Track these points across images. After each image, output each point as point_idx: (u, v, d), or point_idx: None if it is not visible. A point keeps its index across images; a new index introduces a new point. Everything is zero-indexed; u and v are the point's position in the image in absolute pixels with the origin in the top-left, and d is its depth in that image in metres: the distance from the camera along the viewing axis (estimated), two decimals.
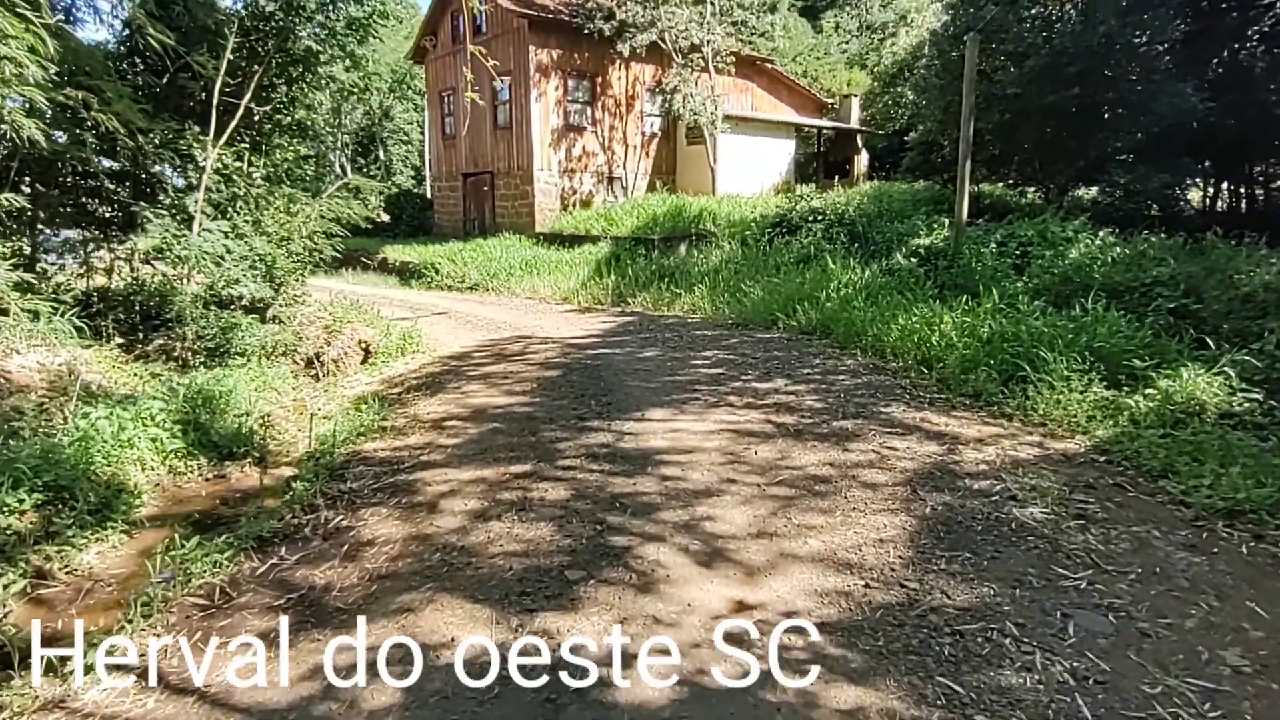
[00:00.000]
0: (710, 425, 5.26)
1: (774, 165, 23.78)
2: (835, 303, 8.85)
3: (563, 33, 20.54)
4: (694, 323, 10.53)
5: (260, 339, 9.35)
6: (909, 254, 11.30)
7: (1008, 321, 6.32)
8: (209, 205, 9.93)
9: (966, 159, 10.62)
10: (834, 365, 7.05)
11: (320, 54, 10.31)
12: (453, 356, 8.98)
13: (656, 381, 6.76)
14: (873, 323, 7.64)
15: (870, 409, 5.48)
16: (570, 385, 6.80)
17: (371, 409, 6.43)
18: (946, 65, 15.41)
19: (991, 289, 7.93)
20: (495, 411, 6.07)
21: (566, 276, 15.78)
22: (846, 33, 36.39)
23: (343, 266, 23.90)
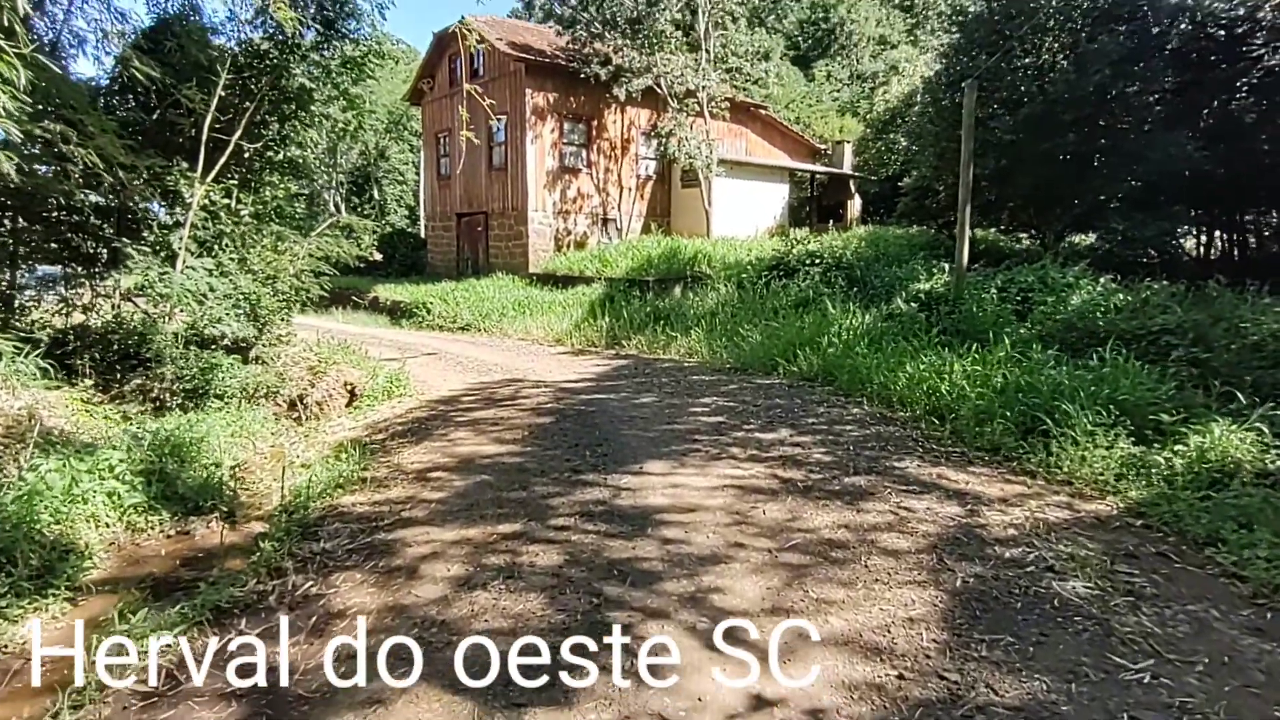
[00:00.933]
0: (713, 480, 4.92)
1: (768, 209, 23.85)
2: (837, 348, 8.60)
3: (559, 76, 20.70)
4: (690, 367, 10.25)
5: (241, 380, 9.00)
6: (909, 299, 11.12)
7: (1021, 370, 6.05)
8: (194, 242, 9.67)
9: (967, 204, 10.51)
10: (840, 414, 6.74)
11: (314, 92, 10.17)
12: (441, 400, 8.63)
13: (654, 430, 6.43)
14: (878, 370, 7.37)
15: (882, 463, 5.16)
16: (563, 433, 6.46)
17: (352, 457, 6.06)
18: (940, 112, 15.51)
19: (1002, 336, 7.68)
20: (483, 462, 5.72)
21: (560, 318, 15.53)
22: (838, 81, 37.09)
23: (334, 305, 23.65)
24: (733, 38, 21.69)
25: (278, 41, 9.88)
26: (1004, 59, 14.02)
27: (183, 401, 8.56)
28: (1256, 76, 14.59)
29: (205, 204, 9.69)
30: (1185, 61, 14.09)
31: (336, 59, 10.15)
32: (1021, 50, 14.29)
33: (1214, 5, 13.79)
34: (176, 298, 8.79)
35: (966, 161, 10.40)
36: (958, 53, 15.25)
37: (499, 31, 22.01)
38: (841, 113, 33.76)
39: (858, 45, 38.49)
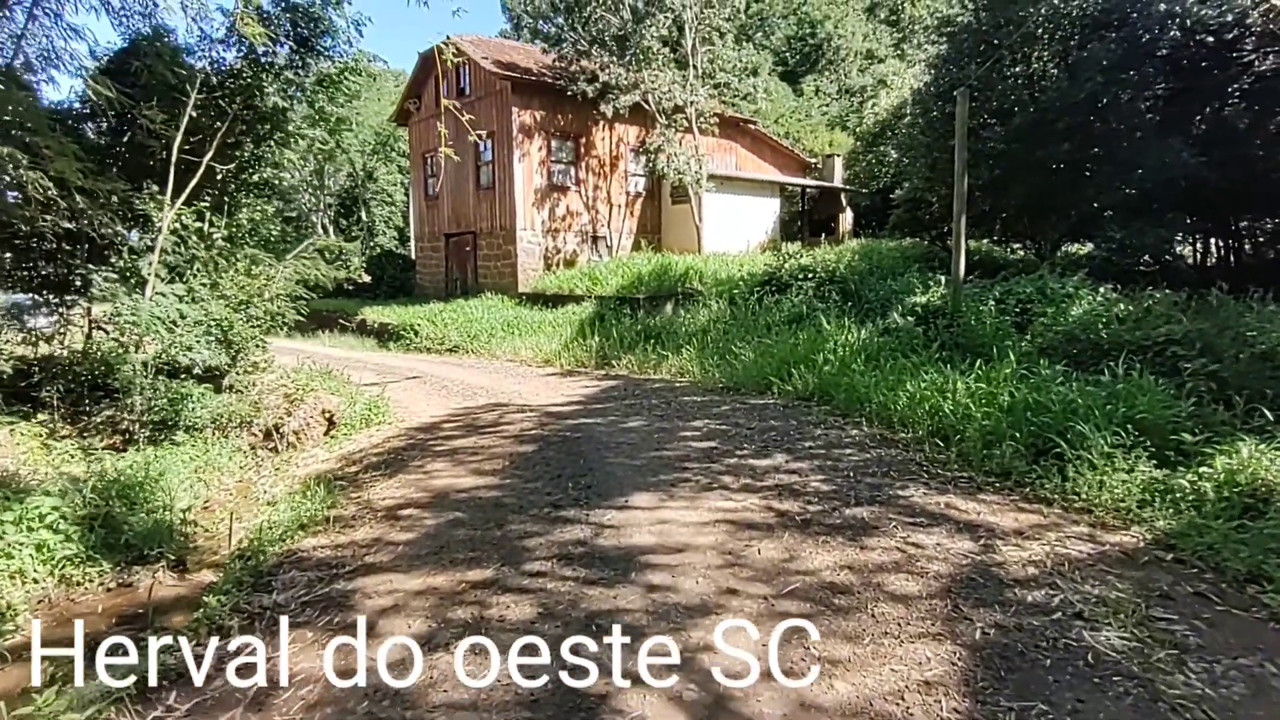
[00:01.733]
0: (703, 514, 4.55)
1: (759, 223, 23.64)
2: (833, 366, 8.27)
3: (546, 94, 20.52)
4: (682, 387, 9.90)
5: (213, 411, 8.63)
6: (905, 313, 10.81)
7: (1029, 388, 5.71)
8: (164, 267, 9.32)
9: (962, 214, 10.23)
10: (838, 437, 6.39)
11: (288, 112, 9.87)
12: (420, 428, 8.25)
13: (641, 458, 6.06)
14: (876, 388, 7.03)
15: (885, 492, 4.80)
16: (545, 463, 6.09)
17: (319, 494, 5.67)
18: (931, 123, 15.33)
19: (1007, 351, 7.36)
20: (459, 497, 5.34)
21: (549, 338, 15.19)
22: (826, 96, 37.12)
23: (321, 328, 23.29)
24: (720, 53, 21.58)
25: (250, 60, 9.61)
26: (994, 68, 13.85)
27: (151, 434, 8.19)
28: (1247, 82, 14.46)
29: (176, 228, 9.37)
30: (1176, 68, 13.94)
31: (312, 77, 9.86)
32: (1011, 59, 14.15)
33: (1202, 12, 13.67)
34: (145, 325, 8.43)
35: (961, 171, 10.14)
36: (947, 63, 15.09)
37: (485, 50, 21.87)
38: (831, 127, 33.73)
39: (845, 60, 38.58)
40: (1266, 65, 14.21)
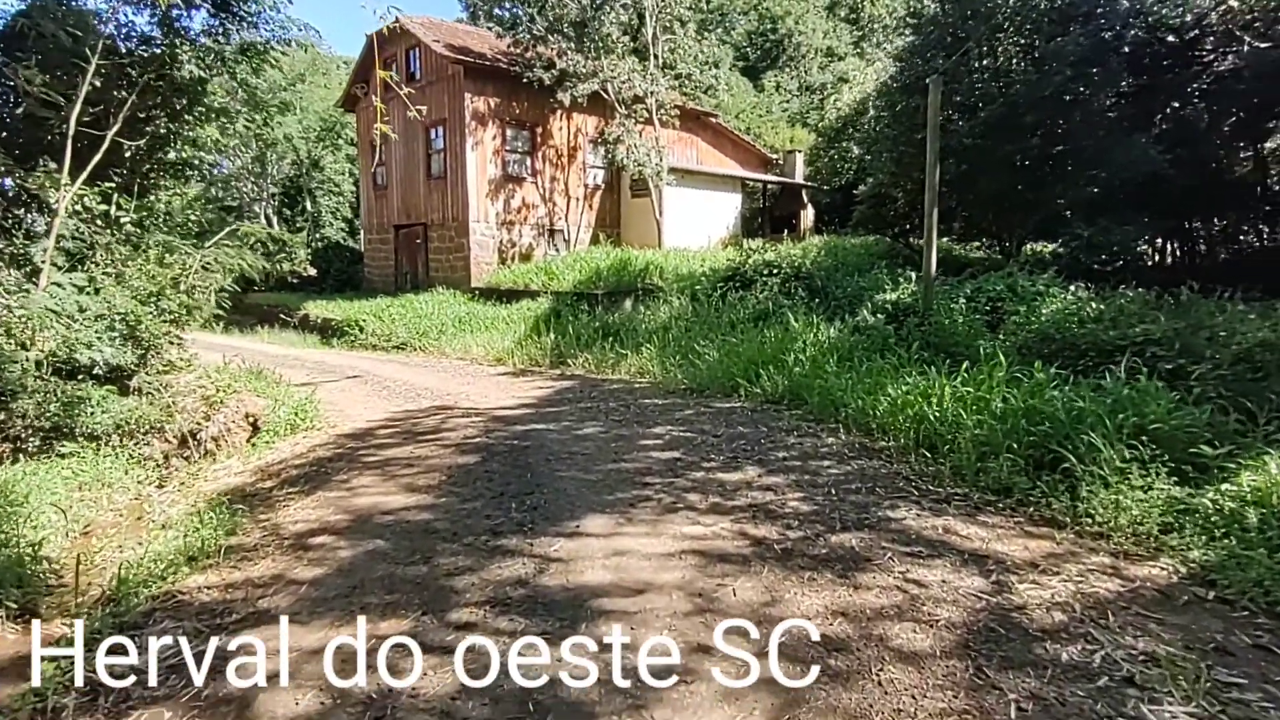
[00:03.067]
0: (667, 543, 3.91)
1: (720, 219, 23.13)
2: (804, 367, 7.71)
3: (500, 80, 19.64)
4: (642, 388, 9.24)
5: (116, 415, 7.67)
6: (875, 310, 10.35)
7: (1022, 393, 5.21)
8: (62, 254, 8.30)
9: (934, 208, 9.80)
10: (813, 446, 5.81)
11: (207, 83, 8.90)
12: (352, 434, 7.43)
13: (596, 471, 5.39)
14: (853, 392, 6.48)
15: (874, 513, 4.22)
16: (488, 477, 5.37)
17: (219, 516, 4.86)
18: (897, 116, 14.96)
19: (983, 351, 6.90)
20: (383, 520, 4.59)
21: (503, 334, 14.40)
22: (787, 92, 36.86)
23: (261, 323, 22.03)
24: (681, 43, 20.98)
25: (164, 25, 8.65)
26: (962, 61, 13.51)
27: (42, 442, 7.22)
28: (1206, 82, 14.45)
29: (78, 210, 8.36)
30: (1139, 66, 13.83)
31: (233, 46, 8.90)
32: (979, 52, 13.84)
33: (1163, 10, 13.58)
34: (37, 319, 7.43)
35: (932, 163, 9.70)
36: (914, 55, 14.71)
37: (437, 34, 20.87)
38: (792, 123, 33.45)
39: (805, 56, 38.40)
40: (1225, 65, 14.22)
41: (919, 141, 14.39)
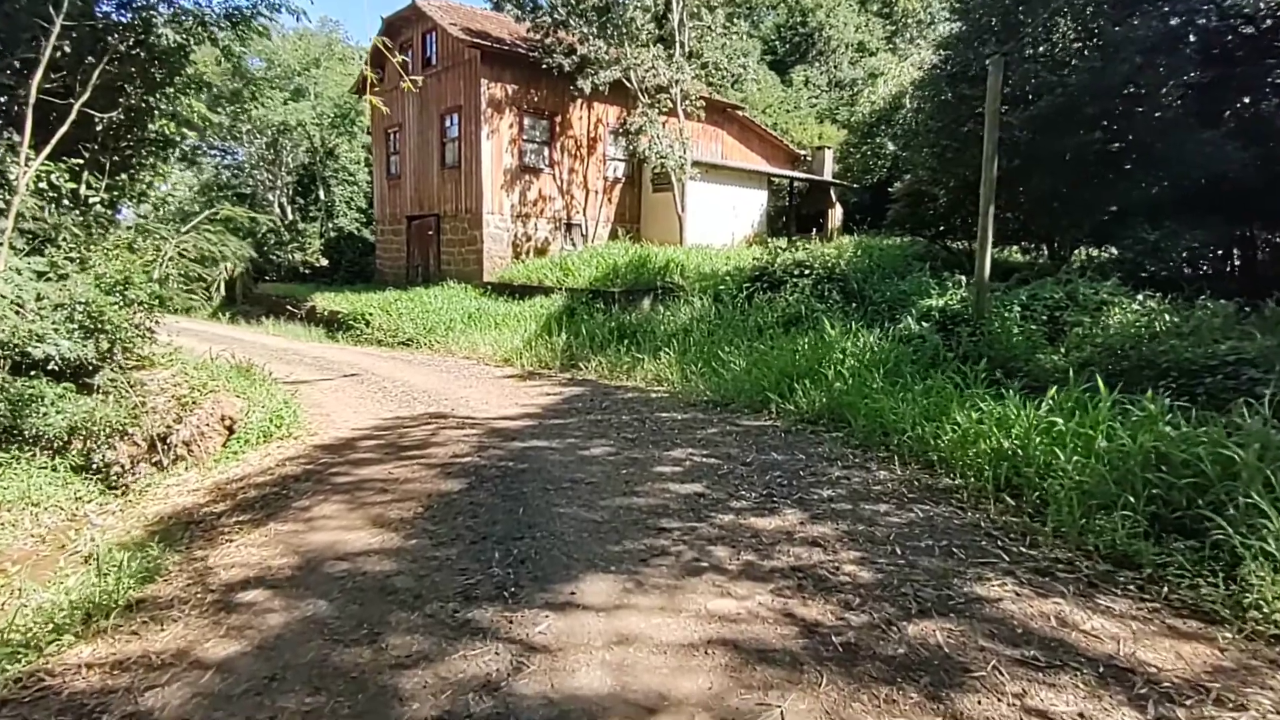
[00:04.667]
0: (687, 625, 2.97)
1: (745, 216, 22.12)
2: (845, 381, 6.73)
3: (519, 67, 18.77)
4: (659, 399, 8.31)
5: (71, 417, 6.89)
6: (920, 317, 9.34)
7: (1131, 428, 4.19)
8: (20, 235, 7.52)
9: (990, 205, 8.76)
10: (864, 482, 4.84)
11: (187, 51, 8.09)
12: (330, 445, 6.57)
13: (602, 507, 4.46)
14: (909, 417, 5.49)
15: (958, 587, 3.25)
16: (472, 512, 4.46)
17: (142, 557, 4.00)
18: (941, 108, 13.87)
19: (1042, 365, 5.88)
20: (335, 570, 3.70)
21: (513, 332, 13.54)
22: (816, 87, 35.66)
23: (269, 314, 21.36)
24: (709, 30, 19.97)
25: None
26: (1015, 48, 12.41)
27: None
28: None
29: (42, 188, 7.60)
30: (1210, 56, 12.63)
31: (218, 9, 8.09)
32: (1034, 39, 12.71)
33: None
34: None
35: (990, 155, 8.66)
36: (961, 43, 13.62)
37: (454, 17, 20.03)
38: (821, 119, 32.27)
39: (836, 51, 37.14)
40: None
41: (965, 135, 13.33)
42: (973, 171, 12.94)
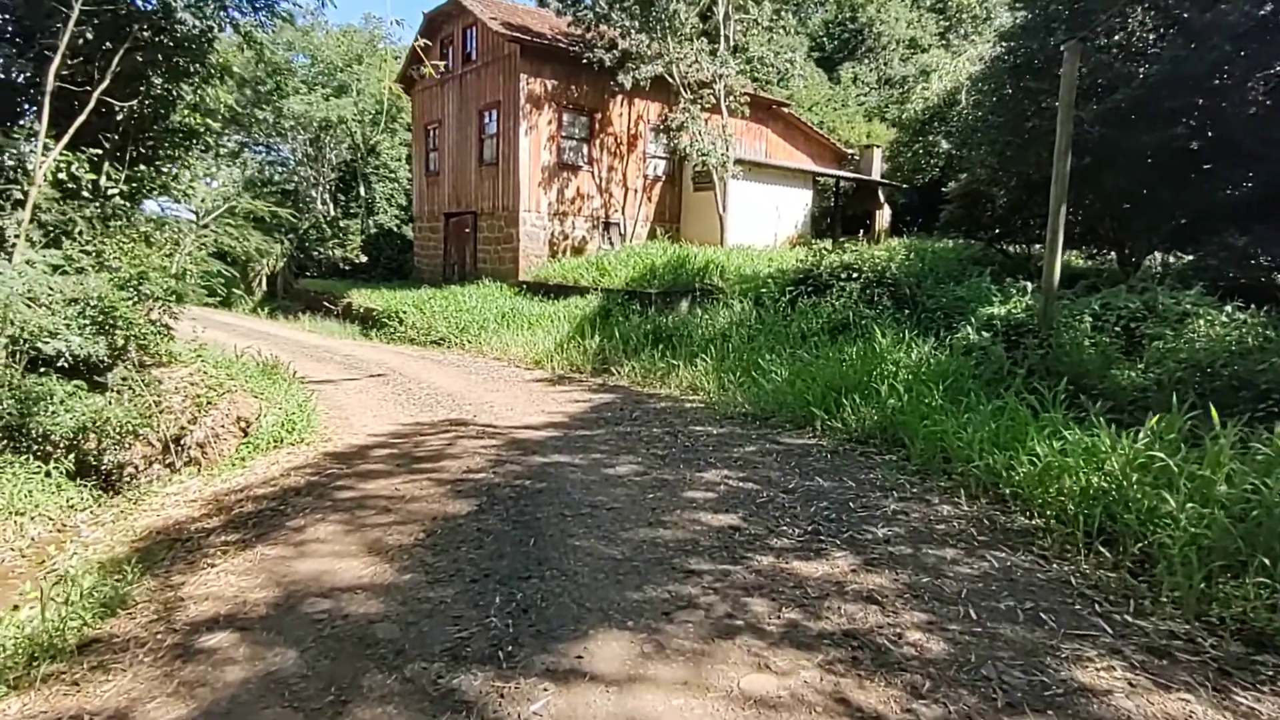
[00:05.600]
0: (716, 712, 2.42)
1: (789, 216, 21.37)
2: (900, 398, 6.07)
3: (559, 62, 18.36)
4: (693, 409, 7.74)
5: (81, 416, 6.63)
6: (981, 327, 8.59)
7: (1262, 468, 3.49)
8: (37, 228, 7.32)
9: (1061, 205, 8.01)
10: (925, 519, 4.21)
11: (211, 37, 7.81)
12: (342, 454, 6.17)
13: (624, 540, 3.93)
14: (977, 442, 4.83)
15: (1052, 669, 2.63)
16: (478, 541, 3.97)
17: (122, 576, 3.61)
18: (1003, 102, 13.00)
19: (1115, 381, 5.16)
20: (316, 609, 3.24)
21: (546, 333, 13.12)
22: (865, 85, 34.58)
23: (307, 310, 21.41)
24: (755, 21, 19.28)
25: None
26: (1088, 36, 11.49)
27: None
28: None
29: (61, 179, 7.38)
30: None
31: None
32: (1108, 27, 11.77)
33: None
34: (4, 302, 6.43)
35: (1064, 149, 7.90)
36: (1026, 33, 12.72)
37: (494, 11, 19.73)
38: (869, 117, 31.25)
39: (886, 48, 36.00)
40: None
41: (1028, 131, 12.46)
42: (1036, 170, 12.10)
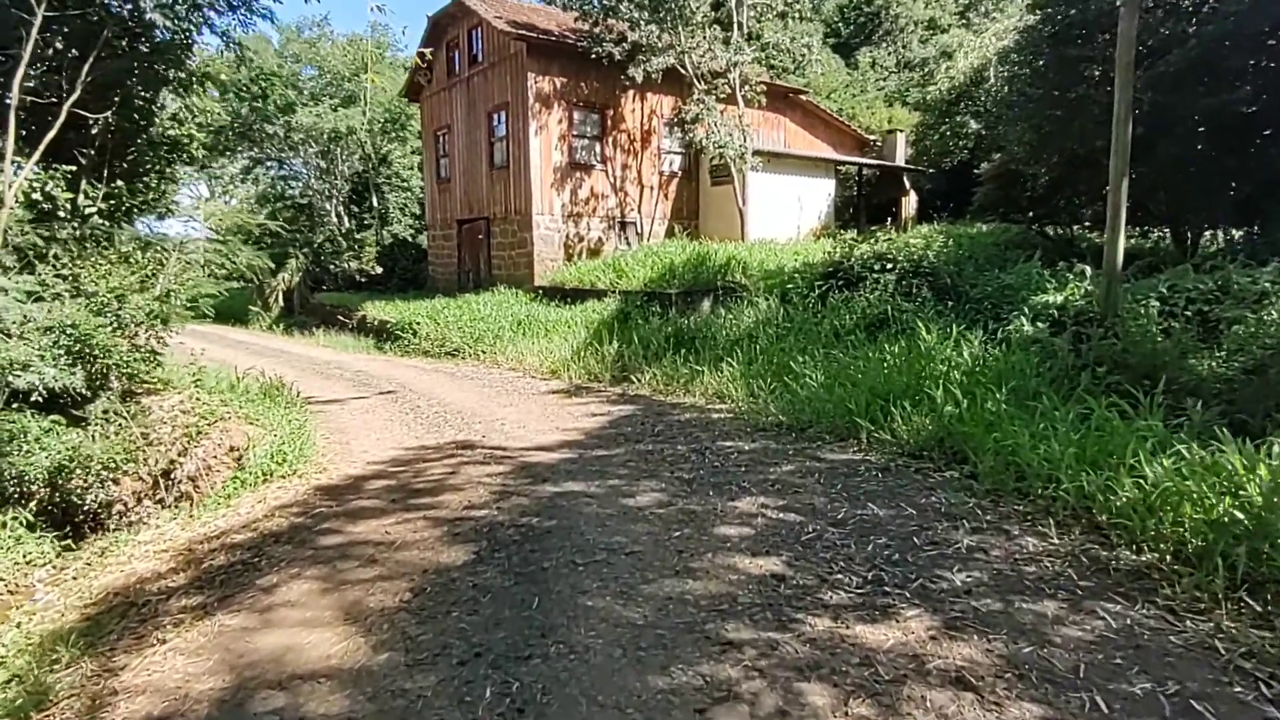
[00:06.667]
0: None
1: (811, 207, 20.55)
2: (958, 404, 5.33)
3: (567, 58, 17.76)
4: (720, 421, 7.05)
5: (56, 455, 6.12)
6: (1034, 316, 7.79)
7: None
8: (10, 252, 6.83)
9: (1123, 178, 7.20)
10: (1007, 557, 3.49)
11: (190, 41, 7.28)
12: (333, 487, 5.58)
13: (644, 600, 3.26)
14: (1061, 459, 4.08)
15: None
16: (471, 605, 3.33)
17: (53, 659, 3.03)
18: (1041, 74, 12.11)
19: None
20: (267, 709, 2.62)
21: (563, 340, 12.53)
22: (883, 69, 33.54)
23: (322, 324, 21.08)
24: (769, 6, 18.50)
25: None
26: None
27: None
28: None
29: (35, 199, 6.89)
30: None
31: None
32: None
33: None
34: None
35: (1123, 117, 7.07)
36: None
37: (499, 10, 19.19)
38: (889, 102, 30.26)
39: (905, 30, 34.91)
40: None
41: (1070, 103, 11.56)
42: (1081, 143, 11.20)
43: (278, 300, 25.25)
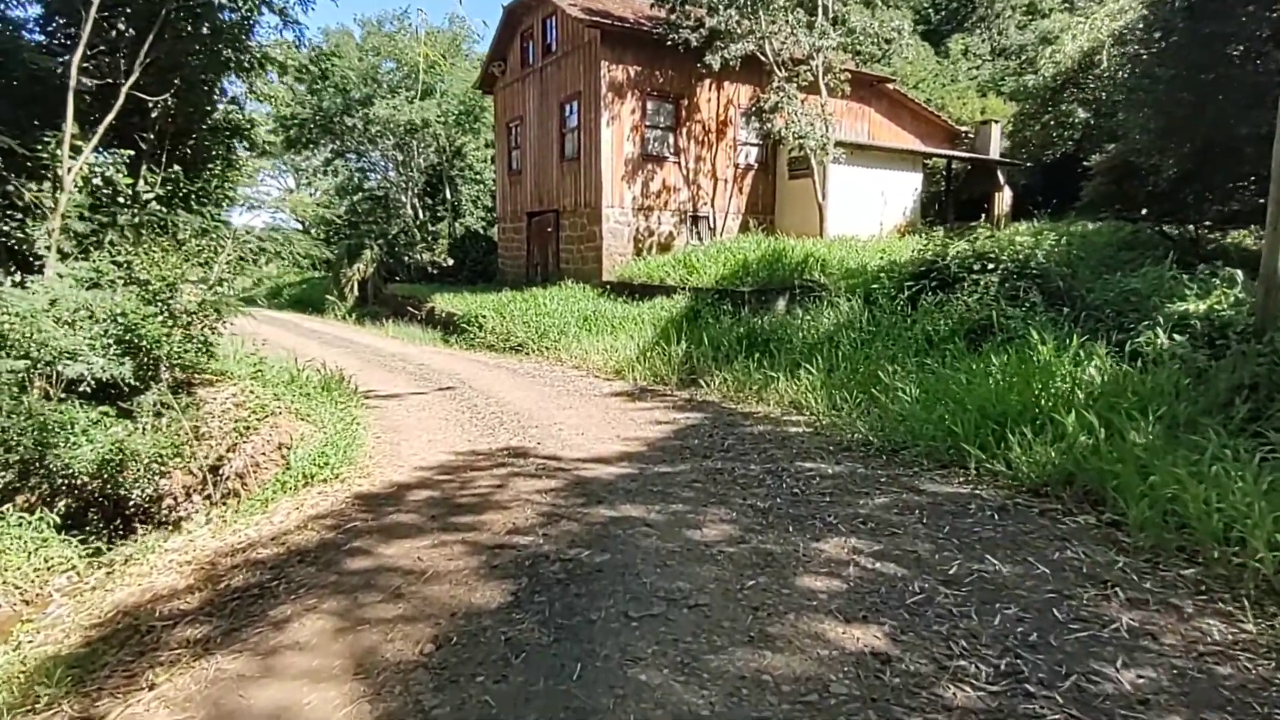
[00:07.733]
0: None
1: (897, 203, 19.34)
2: (1093, 433, 4.45)
3: (642, 46, 17.16)
4: (798, 437, 6.31)
5: (102, 449, 5.93)
6: (1171, 328, 6.71)
7: None
8: (68, 238, 6.71)
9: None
10: (1185, 647, 2.67)
11: (251, 21, 7.02)
12: (373, 496, 5.16)
13: (710, 678, 2.62)
14: (1252, 513, 3.21)
15: None
16: (500, 667, 2.77)
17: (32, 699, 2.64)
18: (1172, 52, 10.75)
19: None
20: None
21: (630, 338, 11.98)
22: (976, 57, 31.64)
23: (394, 315, 21.23)
24: None
25: None
26: None
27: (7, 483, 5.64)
28: None
29: (95, 184, 6.76)
30: None
31: None
32: None
33: None
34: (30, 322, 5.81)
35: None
36: None
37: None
38: (983, 92, 28.46)
39: (1001, 15, 32.84)
40: None
41: (1207, 85, 10.22)
42: (1220, 129, 9.87)
43: (353, 290, 25.70)
